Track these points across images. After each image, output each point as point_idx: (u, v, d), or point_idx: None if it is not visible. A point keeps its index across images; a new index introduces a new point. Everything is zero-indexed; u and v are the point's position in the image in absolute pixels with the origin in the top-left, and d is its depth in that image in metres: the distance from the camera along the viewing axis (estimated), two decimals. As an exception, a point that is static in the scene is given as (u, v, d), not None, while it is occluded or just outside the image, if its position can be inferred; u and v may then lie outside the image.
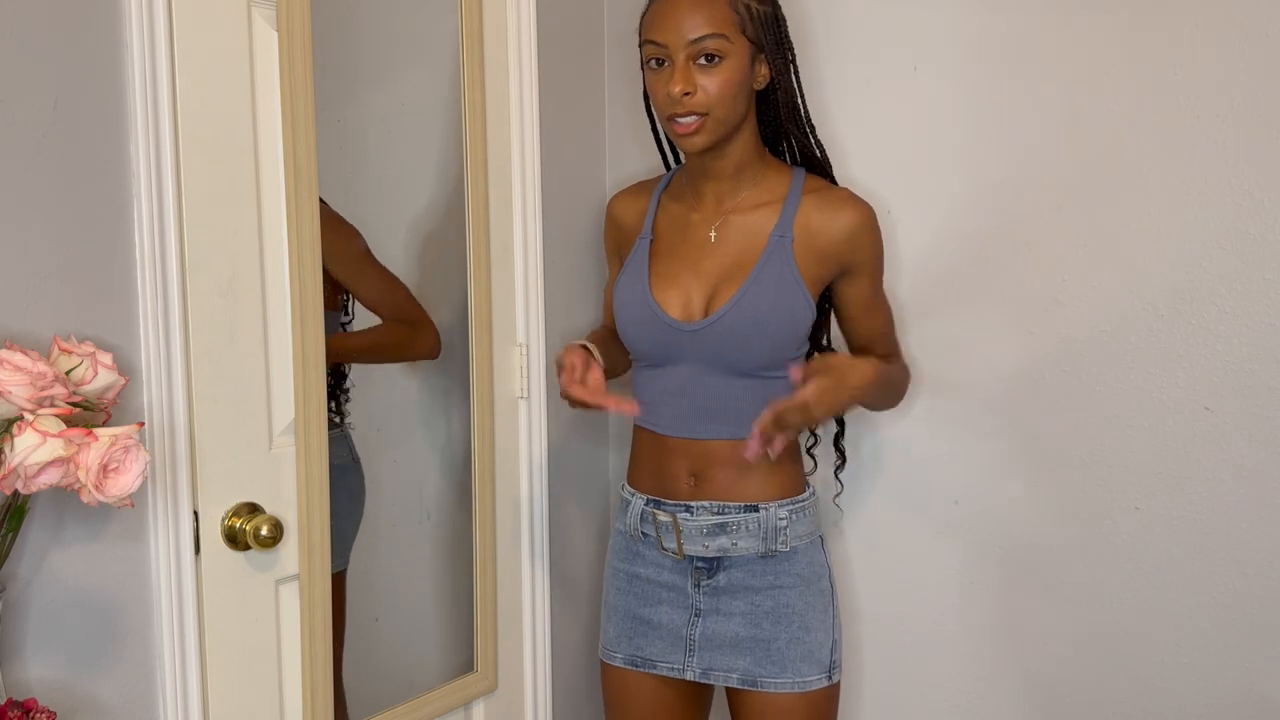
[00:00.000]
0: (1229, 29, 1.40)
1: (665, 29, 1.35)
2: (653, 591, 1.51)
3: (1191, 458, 1.48)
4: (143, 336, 1.18)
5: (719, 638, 1.47)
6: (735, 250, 1.43)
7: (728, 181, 1.45)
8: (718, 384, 1.43)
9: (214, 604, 1.27)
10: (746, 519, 1.44)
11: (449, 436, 1.75)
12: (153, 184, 1.17)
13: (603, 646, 1.58)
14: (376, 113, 1.68)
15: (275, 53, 1.28)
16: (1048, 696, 1.62)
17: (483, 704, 1.67)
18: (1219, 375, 1.45)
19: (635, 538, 1.52)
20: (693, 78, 1.35)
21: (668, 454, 1.47)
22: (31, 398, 0.99)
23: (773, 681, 1.45)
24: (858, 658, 1.76)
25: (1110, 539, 1.55)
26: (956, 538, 1.67)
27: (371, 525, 1.69)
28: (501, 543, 1.67)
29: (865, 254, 1.44)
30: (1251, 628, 1.46)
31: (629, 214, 1.56)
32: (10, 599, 1.09)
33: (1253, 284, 1.42)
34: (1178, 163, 1.45)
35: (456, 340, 1.65)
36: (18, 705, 1.05)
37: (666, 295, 1.44)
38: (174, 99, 1.19)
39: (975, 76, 1.58)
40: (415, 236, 1.73)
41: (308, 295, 1.33)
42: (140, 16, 1.16)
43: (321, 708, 1.37)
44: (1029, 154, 1.55)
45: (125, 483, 1.03)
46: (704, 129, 1.37)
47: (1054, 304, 1.55)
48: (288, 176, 1.30)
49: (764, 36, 1.38)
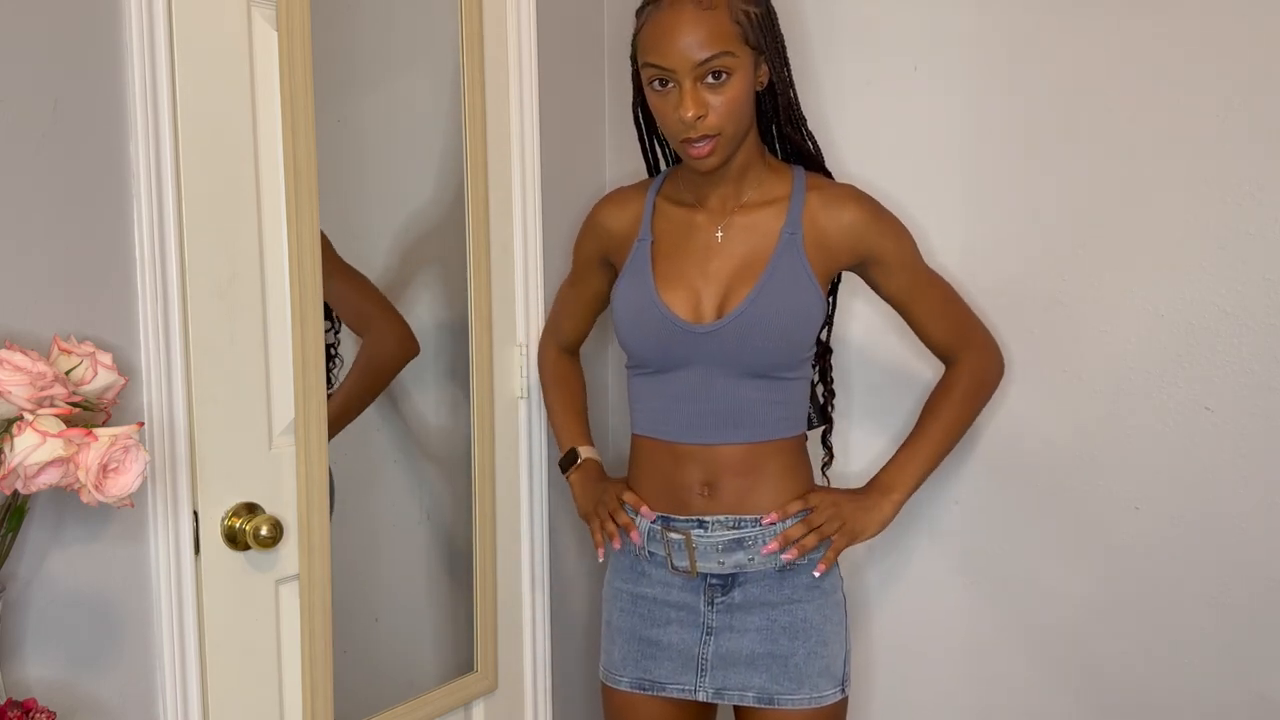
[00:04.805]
0: (1229, 29, 1.40)
1: (670, 53, 1.30)
2: (660, 611, 1.47)
3: (1191, 458, 1.48)
4: (143, 336, 1.18)
5: (733, 656, 1.43)
6: (745, 250, 1.41)
7: (732, 184, 1.43)
8: (730, 386, 1.40)
9: (214, 604, 1.27)
10: (763, 533, 1.41)
11: (449, 436, 1.75)
12: (153, 184, 1.17)
13: (605, 670, 1.53)
14: (376, 113, 1.69)
15: (275, 53, 1.28)
16: (1048, 696, 1.62)
17: (483, 704, 1.67)
18: (1219, 375, 1.45)
19: (640, 557, 1.48)
20: (703, 99, 1.31)
21: (678, 463, 1.43)
22: (31, 398, 0.99)
23: (790, 698, 1.42)
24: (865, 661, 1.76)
25: (1110, 539, 1.55)
26: (956, 539, 1.67)
27: (371, 525, 1.70)
28: (501, 543, 1.67)
29: (880, 243, 1.41)
30: (1251, 628, 1.46)
31: (619, 220, 1.51)
32: (10, 599, 1.09)
33: (1253, 284, 1.42)
34: (1177, 162, 1.45)
35: (457, 340, 1.65)
36: (18, 705, 1.05)
37: (674, 297, 1.41)
38: (174, 99, 1.19)
39: (975, 76, 1.58)
40: (415, 236, 1.73)
41: (307, 296, 1.33)
42: (140, 16, 1.16)
43: (321, 708, 1.37)
44: (1029, 154, 1.55)
45: (125, 483, 1.03)
46: (717, 149, 1.34)
47: (1054, 304, 1.55)
48: (288, 176, 1.30)
49: (763, 40, 1.36)
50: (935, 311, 1.46)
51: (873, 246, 1.42)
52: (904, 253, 1.44)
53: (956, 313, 1.48)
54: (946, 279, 1.51)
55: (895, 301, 1.47)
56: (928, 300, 1.46)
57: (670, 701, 1.49)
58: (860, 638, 1.76)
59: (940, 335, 1.47)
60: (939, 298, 1.47)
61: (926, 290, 1.46)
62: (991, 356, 1.51)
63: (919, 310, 1.46)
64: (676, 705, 1.49)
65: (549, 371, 1.65)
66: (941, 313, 1.47)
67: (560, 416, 1.63)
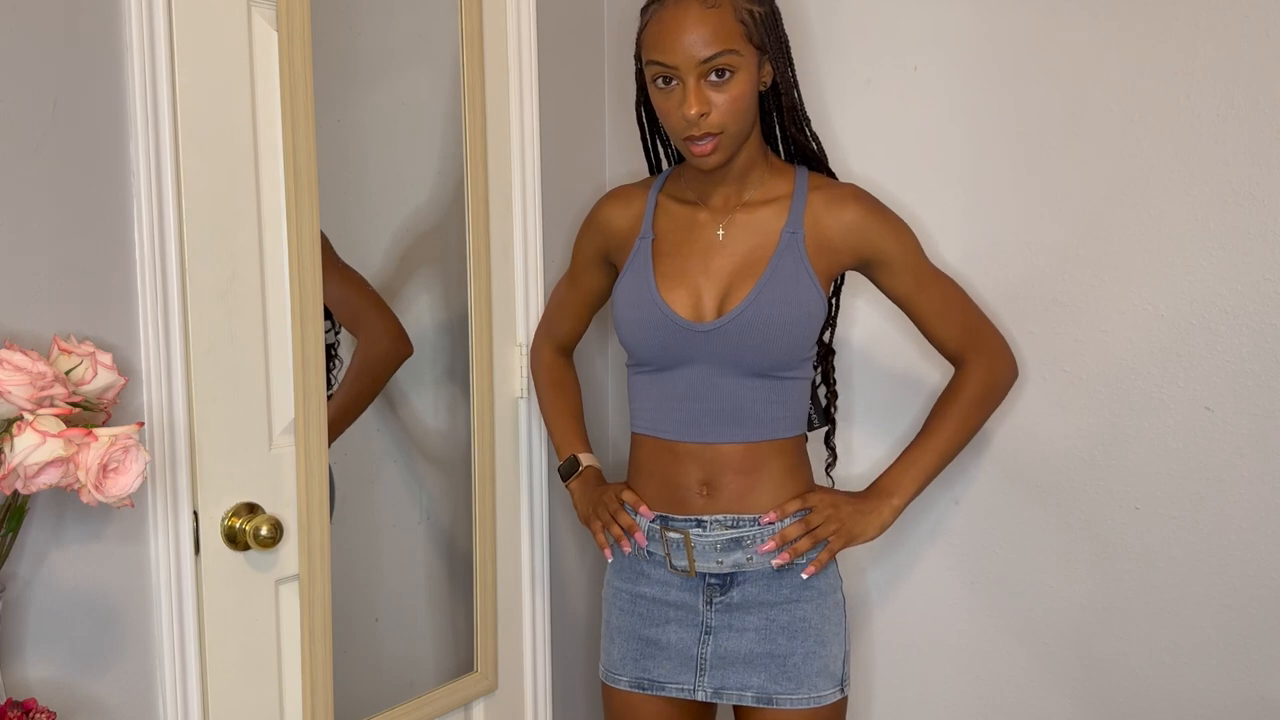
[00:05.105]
0: (1229, 29, 1.40)
1: (673, 50, 1.31)
2: (659, 611, 1.47)
3: (1191, 458, 1.48)
4: (143, 336, 1.18)
5: (731, 655, 1.43)
6: (746, 248, 1.41)
7: (734, 183, 1.43)
8: (730, 385, 1.40)
9: (214, 604, 1.27)
10: (762, 533, 1.42)
11: (448, 436, 1.75)
12: (153, 184, 1.17)
13: (605, 669, 1.53)
14: (376, 113, 1.68)
15: (275, 53, 1.28)
16: (1048, 696, 1.62)
17: (483, 704, 1.67)
18: (1219, 375, 1.45)
19: (639, 556, 1.48)
20: (706, 97, 1.31)
21: (677, 462, 1.43)
22: (31, 398, 0.99)
23: (788, 698, 1.42)
24: (865, 662, 1.76)
25: (1110, 539, 1.55)
26: (957, 538, 1.67)
27: (371, 525, 1.69)
28: (501, 543, 1.67)
29: (882, 243, 1.41)
30: (1252, 628, 1.46)
31: (621, 218, 1.51)
32: (10, 599, 1.09)
33: (1253, 284, 1.42)
34: (1178, 162, 1.45)
35: (456, 340, 1.65)
36: (18, 705, 1.05)
37: (675, 296, 1.41)
38: (174, 99, 1.19)
39: (975, 76, 1.58)
40: (415, 236, 1.73)
41: (308, 295, 1.33)
42: (140, 16, 1.16)
43: (321, 708, 1.37)
44: (1029, 154, 1.55)
45: (125, 483, 1.02)
46: (720, 147, 1.34)
47: (1054, 304, 1.55)
48: (288, 176, 1.30)
49: (767, 39, 1.36)
50: (941, 313, 1.45)
51: (875, 246, 1.41)
52: (907, 253, 1.43)
53: (964, 314, 1.47)
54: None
55: (900, 303, 1.46)
56: (933, 301, 1.45)
57: (669, 701, 1.49)
58: (860, 638, 1.76)
59: (947, 337, 1.46)
60: (945, 298, 1.46)
61: (932, 291, 1.45)
62: (1002, 360, 1.48)
63: (925, 311, 1.45)
64: (676, 705, 1.49)
65: (545, 375, 1.65)
66: (948, 314, 1.46)
67: (558, 422, 1.63)
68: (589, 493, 1.55)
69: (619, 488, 1.50)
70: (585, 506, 1.54)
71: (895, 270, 1.43)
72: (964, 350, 1.47)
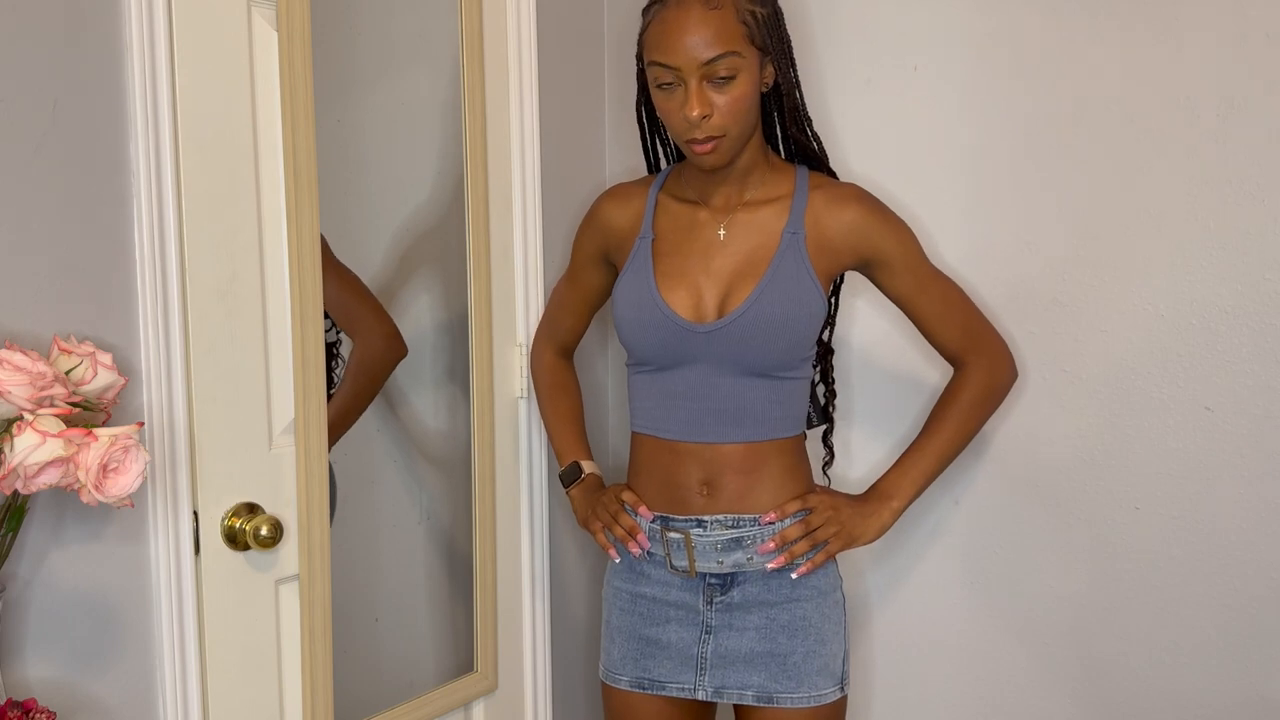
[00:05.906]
0: (1228, 29, 1.40)
1: (675, 52, 1.31)
2: (659, 610, 1.47)
3: (1191, 458, 1.48)
4: (143, 336, 1.18)
5: (732, 654, 1.44)
6: (747, 248, 1.41)
7: (735, 183, 1.43)
8: (731, 385, 1.40)
9: (214, 604, 1.27)
10: (762, 533, 1.42)
11: (448, 436, 1.75)
12: (152, 184, 1.17)
13: (605, 669, 1.53)
14: (376, 113, 1.68)
15: (275, 53, 1.28)
16: (1048, 696, 1.62)
17: (483, 704, 1.67)
18: (1219, 375, 1.45)
19: (639, 557, 1.48)
20: (708, 99, 1.31)
21: (678, 462, 1.43)
22: (31, 398, 0.99)
23: (789, 697, 1.42)
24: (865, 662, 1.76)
25: (1110, 539, 1.55)
26: (957, 538, 1.67)
27: (371, 525, 1.69)
28: (501, 543, 1.67)
29: (882, 243, 1.41)
30: (1251, 628, 1.46)
31: (621, 217, 1.51)
32: (10, 599, 1.09)
33: (1253, 284, 1.42)
34: (1178, 162, 1.45)
35: (456, 340, 1.65)
36: (18, 705, 1.05)
37: (675, 295, 1.41)
38: (174, 99, 1.19)
39: (975, 76, 1.58)
40: (414, 236, 1.73)
41: (308, 295, 1.33)
42: (140, 16, 1.15)
43: (321, 708, 1.37)
44: (1029, 153, 1.55)
45: (125, 483, 1.02)
46: (721, 148, 1.35)
47: (1054, 304, 1.55)
48: (288, 176, 1.30)
49: (769, 39, 1.36)
50: (942, 314, 1.45)
51: (875, 247, 1.41)
52: (908, 253, 1.43)
53: (964, 315, 1.47)
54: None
55: (900, 303, 1.46)
56: (933, 302, 1.45)
57: (670, 700, 1.49)
58: (860, 638, 1.76)
59: (947, 338, 1.46)
60: (945, 299, 1.46)
61: (932, 291, 1.45)
62: (1001, 362, 1.48)
63: (924, 312, 1.45)
64: (676, 704, 1.49)
65: (546, 378, 1.64)
66: (948, 315, 1.46)
67: (559, 427, 1.62)
68: (589, 498, 1.55)
69: (618, 488, 1.50)
70: (584, 509, 1.54)
71: (895, 271, 1.43)
72: (964, 352, 1.47)
